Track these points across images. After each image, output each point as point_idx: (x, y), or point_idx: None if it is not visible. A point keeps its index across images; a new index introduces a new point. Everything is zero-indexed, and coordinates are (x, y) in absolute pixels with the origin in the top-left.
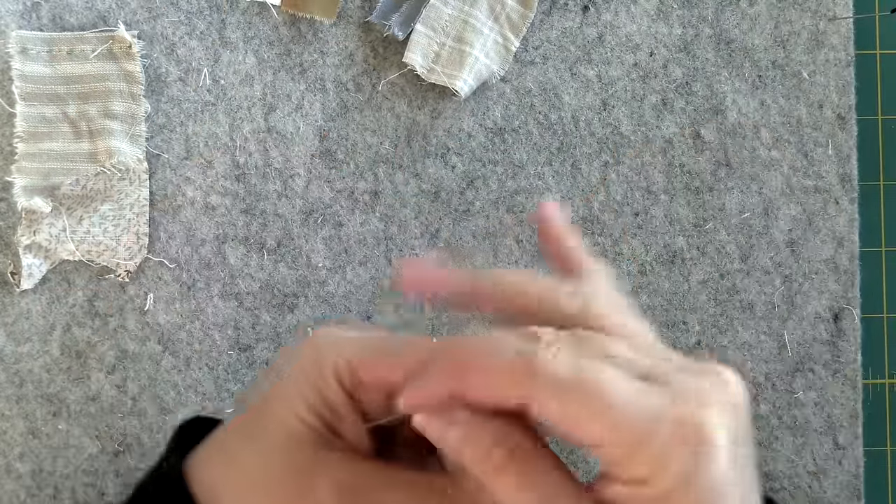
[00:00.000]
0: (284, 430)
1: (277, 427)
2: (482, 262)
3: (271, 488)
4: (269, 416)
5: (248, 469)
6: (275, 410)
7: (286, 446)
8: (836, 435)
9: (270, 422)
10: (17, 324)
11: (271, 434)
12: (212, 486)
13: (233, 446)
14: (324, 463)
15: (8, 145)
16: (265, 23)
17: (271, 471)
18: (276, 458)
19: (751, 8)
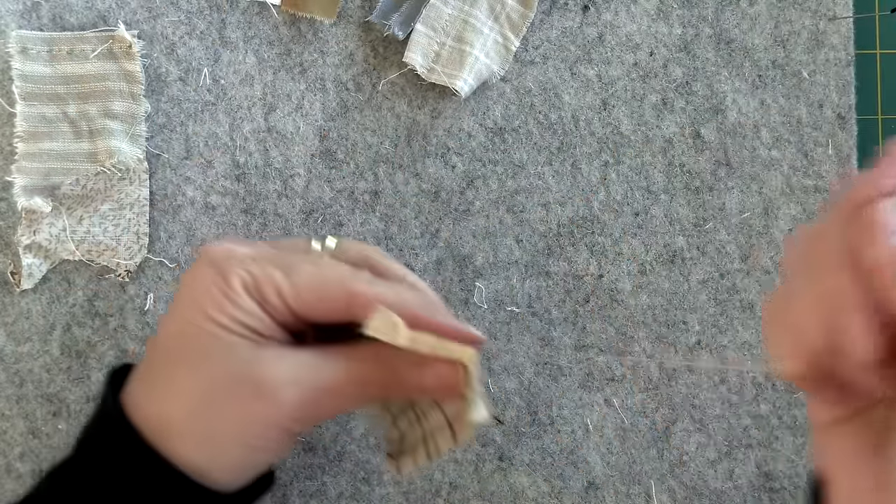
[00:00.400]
0: (210, 343)
1: (201, 342)
2: (482, 261)
3: (219, 402)
4: (189, 335)
5: (189, 390)
6: (193, 329)
7: (219, 357)
8: None
9: (191, 340)
10: (17, 324)
11: (197, 350)
12: (158, 417)
13: (164, 373)
14: (264, 361)
15: (8, 145)
16: (265, 23)
17: (214, 384)
18: (212, 371)
19: (751, 8)
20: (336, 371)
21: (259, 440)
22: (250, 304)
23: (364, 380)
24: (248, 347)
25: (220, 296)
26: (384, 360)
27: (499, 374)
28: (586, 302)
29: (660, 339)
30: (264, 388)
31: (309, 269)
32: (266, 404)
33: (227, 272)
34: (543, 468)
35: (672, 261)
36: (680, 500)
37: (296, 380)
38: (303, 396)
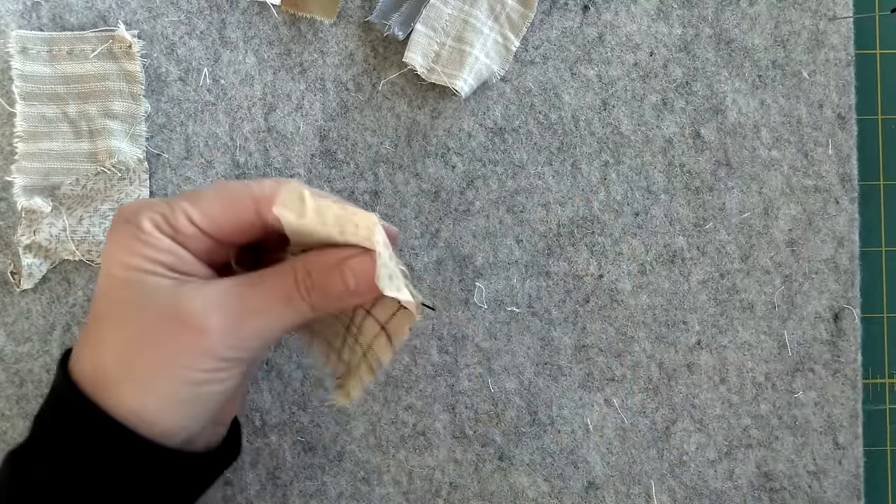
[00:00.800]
0: (130, 290)
1: (122, 292)
2: (482, 261)
3: (146, 343)
4: (112, 288)
5: (116, 338)
6: (112, 280)
7: (140, 301)
8: (836, 435)
9: (113, 291)
10: (17, 324)
11: (119, 300)
12: (92, 371)
13: (94, 329)
14: (184, 295)
15: (8, 145)
16: (265, 23)
17: (139, 328)
18: (135, 315)
19: (751, 8)
20: (257, 290)
21: (193, 371)
22: (164, 241)
23: (286, 294)
24: (169, 286)
25: (131, 241)
26: (302, 268)
27: (499, 374)
28: (586, 302)
29: (660, 339)
30: (187, 319)
31: (214, 189)
32: (191, 334)
33: (138, 218)
34: (543, 468)
35: (672, 261)
36: (680, 500)
37: (218, 305)
38: (227, 320)
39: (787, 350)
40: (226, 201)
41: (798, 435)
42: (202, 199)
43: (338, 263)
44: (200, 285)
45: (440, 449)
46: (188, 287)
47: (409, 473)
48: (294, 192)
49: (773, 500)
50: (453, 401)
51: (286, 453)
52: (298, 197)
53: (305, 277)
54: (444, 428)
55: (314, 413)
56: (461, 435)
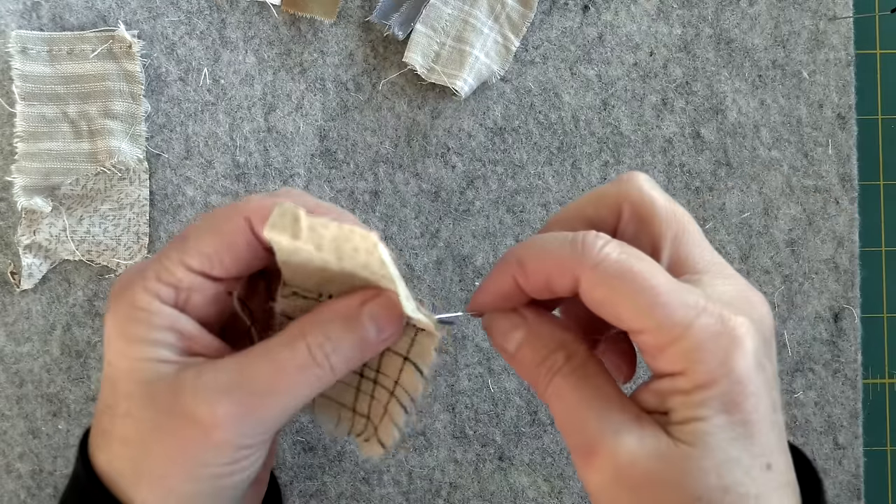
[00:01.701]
0: (132, 383)
1: (125, 385)
2: (482, 261)
3: (154, 442)
4: (115, 379)
5: (126, 439)
6: (114, 371)
7: (141, 395)
8: (836, 435)
9: (117, 383)
10: (17, 324)
11: (123, 394)
12: (109, 468)
13: (104, 425)
14: (186, 384)
15: (8, 145)
16: (265, 23)
17: (145, 426)
18: (140, 413)
19: (751, 8)
20: (267, 366)
21: (210, 467)
22: (163, 314)
23: (300, 364)
24: (171, 375)
25: (127, 324)
26: (315, 331)
27: (499, 374)
28: None
29: None
30: (193, 414)
31: (199, 224)
32: (200, 430)
33: (131, 293)
34: (543, 468)
35: None
36: None
37: (225, 390)
38: (238, 408)
39: (786, 350)
40: (216, 231)
41: (798, 435)
42: (190, 239)
43: (354, 313)
44: (203, 370)
45: (440, 449)
46: (190, 374)
47: (409, 473)
48: (287, 211)
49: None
50: (453, 401)
51: (286, 453)
52: (292, 216)
53: (323, 342)
54: (444, 428)
55: None
56: (461, 435)
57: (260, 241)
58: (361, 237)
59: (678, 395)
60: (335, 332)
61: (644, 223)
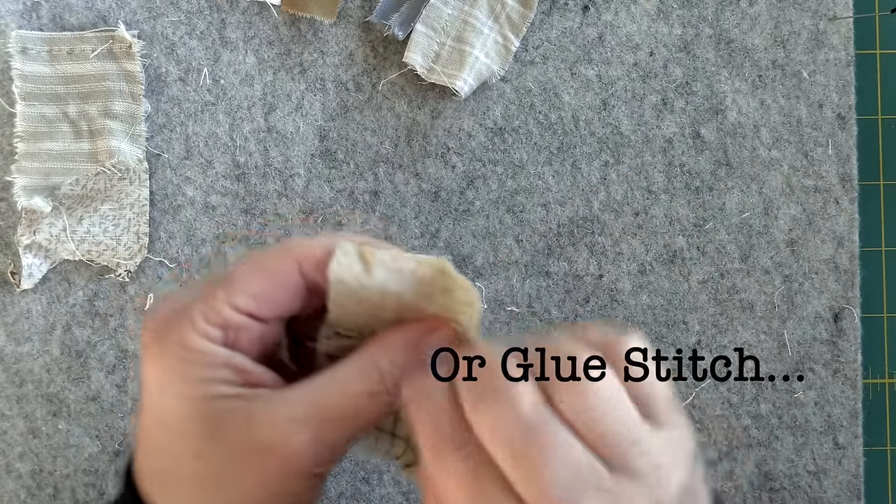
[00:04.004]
0: (196, 422)
1: (188, 426)
2: (482, 261)
3: (231, 479)
4: (172, 422)
5: (198, 481)
6: (170, 413)
7: (212, 434)
8: (836, 435)
9: (175, 425)
10: (17, 324)
11: (187, 436)
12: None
13: (164, 470)
14: (257, 416)
15: (8, 145)
16: (265, 23)
17: (219, 464)
18: (212, 452)
19: (751, 8)
20: (339, 393)
21: (289, 497)
22: (219, 354)
23: (371, 391)
24: (240, 409)
25: (183, 365)
26: (385, 357)
27: None
28: (586, 302)
29: (660, 339)
30: (271, 444)
31: (247, 264)
32: (278, 460)
33: (182, 335)
34: None
35: (672, 261)
36: None
37: (301, 419)
38: (313, 435)
39: (786, 350)
40: (265, 272)
41: (798, 435)
42: (238, 279)
43: (419, 343)
44: (273, 400)
45: None
46: (261, 405)
47: None
48: (351, 250)
49: (773, 500)
50: None
51: None
52: (355, 254)
53: (392, 369)
54: None
55: None
56: None
57: (307, 284)
58: (430, 265)
59: None
60: (402, 358)
61: None
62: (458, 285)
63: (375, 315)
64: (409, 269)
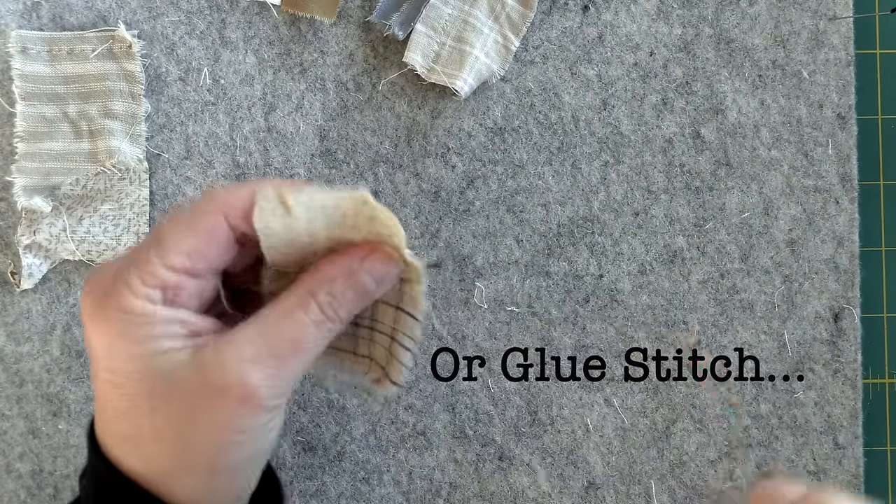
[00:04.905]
0: (149, 380)
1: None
2: (482, 261)
3: (197, 432)
4: (124, 383)
5: (160, 436)
6: (122, 376)
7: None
8: (836, 435)
9: (128, 385)
10: (17, 324)
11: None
12: (147, 474)
13: (125, 430)
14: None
15: (8, 145)
16: (265, 22)
17: (183, 417)
18: (171, 407)
19: (751, 8)
20: (284, 327)
21: (251, 433)
22: (160, 312)
23: (315, 321)
24: (189, 359)
25: (127, 327)
26: (322, 289)
27: (499, 374)
28: (586, 302)
29: (660, 340)
30: (227, 386)
31: (173, 220)
32: (237, 400)
33: (122, 301)
34: (543, 468)
35: (672, 261)
36: (680, 500)
37: (251, 359)
38: (267, 370)
39: (786, 350)
40: (194, 229)
41: (798, 435)
42: (167, 239)
43: (355, 269)
44: (220, 343)
45: (440, 449)
46: (209, 351)
47: (409, 473)
48: (271, 195)
49: None
50: (453, 401)
51: (286, 453)
52: (277, 198)
53: (330, 299)
54: (444, 428)
55: (314, 413)
56: (461, 435)
57: (236, 234)
58: (352, 199)
59: None
60: (339, 288)
61: None
62: (380, 211)
63: (310, 251)
64: (331, 204)
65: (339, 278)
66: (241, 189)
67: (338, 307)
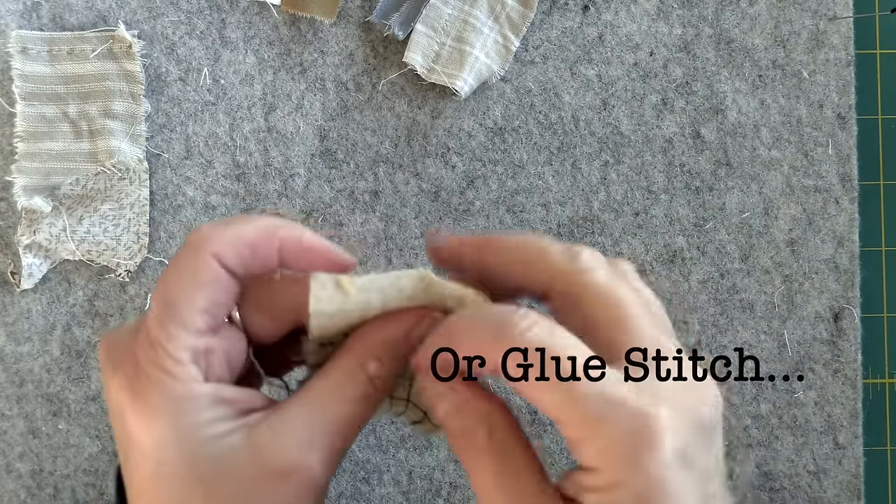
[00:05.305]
0: (201, 464)
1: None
2: None
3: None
4: (172, 467)
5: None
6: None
7: (220, 474)
8: (836, 435)
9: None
10: (17, 324)
11: (192, 480)
12: None
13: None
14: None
15: (8, 145)
16: (265, 22)
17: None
18: (227, 492)
19: (751, 8)
20: (336, 403)
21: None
22: (198, 391)
23: (364, 394)
24: (242, 441)
25: (173, 417)
26: (372, 359)
27: None
28: None
29: None
30: (286, 469)
31: (174, 279)
32: (299, 481)
33: (157, 384)
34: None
35: (672, 261)
36: None
37: (308, 439)
38: (324, 452)
39: (786, 350)
40: (198, 280)
41: (798, 435)
42: (178, 299)
43: (406, 336)
44: (274, 423)
45: (440, 449)
46: (264, 433)
47: (409, 473)
48: (325, 281)
49: (773, 500)
50: None
51: None
52: (334, 285)
53: (379, 369)
54: None
55: None
56: None
57: (236, 277)
58: (409, 277)
59: (592, 491)
60: (388, 357)
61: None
62: (440, 286)
63: (359, 323)
64: (389, 283)
65: (386, 345)
66: (222, 227)
67: (388, 376)
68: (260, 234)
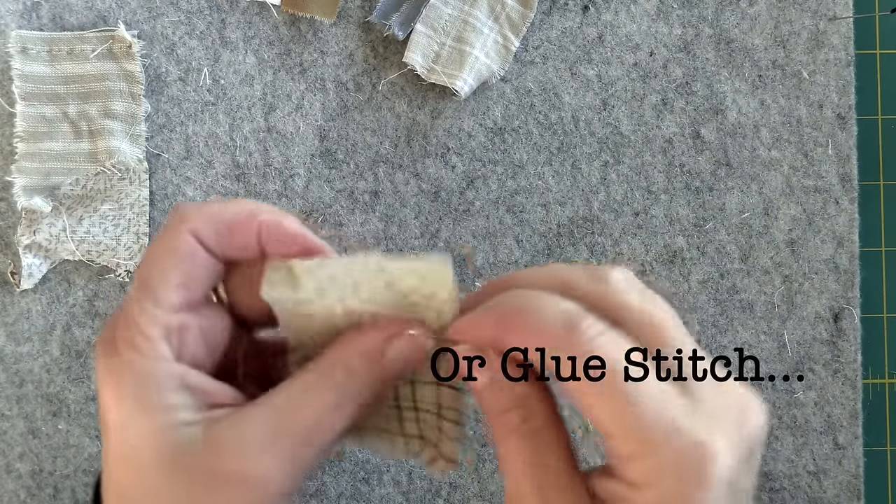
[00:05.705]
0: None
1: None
2: (482, 261)
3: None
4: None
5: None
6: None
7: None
8: (836, 435)
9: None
10: (17, 324)
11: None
12: None
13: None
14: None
15: (8, 145)
16: (265, 23)
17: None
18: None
19: (751, 8)
20: (303, 410)
21: None
22: (167, 370)
23: (336, 403)
24: (199, 437)
25: (138, 391)
26: (344, 369)
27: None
28: None
29: None
30: (242, 471)
31: (151, 254)
32: (253, 486)
33: (125, 359)
34: None
35: (672, 261)
36: None
37: (270, 442)
38: (286, 456)
39: (786, 350)
40: (172, 256)
41: (798, 435)
42: (152, 276)
43: (378, 350)
44: (236, 424)
45: None
46: (226, 432)
47: (409, 473)
48: (279, 266)
49: (773, 500)
50: None
51: None
52: (286, 269)
53: (350, 381)
54: None
55: None
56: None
57: (215, 256)
58: (363, 265)
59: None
60: (362, 370)
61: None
62: (396, 278)
63: (333, 332)
64: (342, 269)
65: (363, 359)
66: (215, 205)
67: (357, 390)
68: (240, 215)
